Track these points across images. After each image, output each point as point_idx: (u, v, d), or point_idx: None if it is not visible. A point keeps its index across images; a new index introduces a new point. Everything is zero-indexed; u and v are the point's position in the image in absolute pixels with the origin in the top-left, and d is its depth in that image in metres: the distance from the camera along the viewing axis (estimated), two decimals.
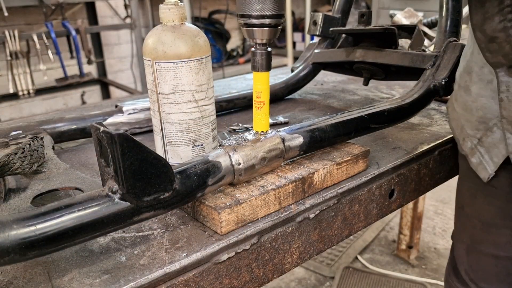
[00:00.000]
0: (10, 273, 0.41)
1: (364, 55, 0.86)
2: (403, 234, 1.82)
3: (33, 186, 0.53)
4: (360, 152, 0.60)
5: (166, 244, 0.45)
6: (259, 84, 0.51)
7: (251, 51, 0.51)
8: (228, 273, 0.47)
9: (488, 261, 0.61)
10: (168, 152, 0.60)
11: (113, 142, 0.37)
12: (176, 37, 0.54)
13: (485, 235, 0.61)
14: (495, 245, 0.60)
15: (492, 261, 0.61)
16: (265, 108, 0.52)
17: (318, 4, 4.42)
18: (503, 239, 0.59)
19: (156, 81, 0.56)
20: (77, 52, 2.92)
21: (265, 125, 0.53)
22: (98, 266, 0.42)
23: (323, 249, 0.58)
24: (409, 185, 0.69)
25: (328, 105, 0.98)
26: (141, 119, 0.77)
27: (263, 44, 0.50)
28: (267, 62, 0.51)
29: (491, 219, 0.61)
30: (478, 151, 0.60)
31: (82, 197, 0.39)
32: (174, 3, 0.55)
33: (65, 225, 0.36)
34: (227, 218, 0.46)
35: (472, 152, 0.62)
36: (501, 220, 0.59)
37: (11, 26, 2.78)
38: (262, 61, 0.50)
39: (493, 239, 0.60)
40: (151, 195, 0.40)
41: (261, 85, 0.51)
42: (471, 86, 0.60)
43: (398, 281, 1.68)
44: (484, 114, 0.58)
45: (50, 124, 0.71)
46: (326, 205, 0.56)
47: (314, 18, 1.01)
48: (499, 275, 0.60)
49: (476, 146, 0.61)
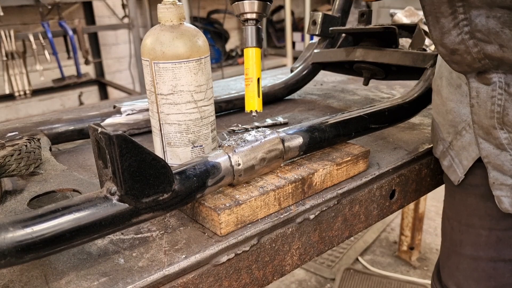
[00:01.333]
0: (7, 277, 0.40)
1: (364, 55, 0.86)
2: (404, 235, 1.81)
3: (30, 188, 0.52)
4: (360, 152, 0.60)
5: (165, 246, 0.45)
6: (248, 60, 0.51)
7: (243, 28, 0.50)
8: (228, 275, 0.46)
9: (468, 265, 0.60)
10: (167, 153, 0.59)
11: (112, 143, 0.36)
12: (175, 37, 0.54)
13: (463, 236, 0.60)
14: (473, 246, 0.59)
15: (472, 263, 0.60)
16: (253, 85, 0.51)
17: (318, 3, 4.42)
18: (481, 239, 0.58)
19: (154, 82, 0.56)
20: (74, 52, 2.91)
21: (254, 103, 0.52)
22: (96, 268, 0.41)
23: (324, 250, 0.58)
24: (410, 185, 0.69)
25: (328, 105, 0.97)
26: (140, 120, 0.77)
27: (253, 19, 0.49)
28: (257, 37, 0.50)
29: (468, 219, 0.60)
30: (449, 154, 0.61)
31: (80, 199, 0.38)
32: (172, 3, 0.55)
33: (63, 228, 0.36)
34: (227, 219, 0.46)
35: (444, 155, 0.62)
36: (478, 220, 0.58)
37: (7, 26, 2.77)
38: (252, 36, 0.50)
39: (471, 240, 0.59)
40: (150, 196, 0.40)
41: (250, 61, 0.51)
42: (442, 91, 0.61)
43: (399, 283, 1.68)
44: (453, 118, 0.59)
45: (47, 125, 0.70)
46: (326, 206, 0.55)
47: (314, 18, 1.01)
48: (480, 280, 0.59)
49: (448, 150, 0.61)
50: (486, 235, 0.58)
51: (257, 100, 0.52)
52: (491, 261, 0.58)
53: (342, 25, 1.02)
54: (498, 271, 0.57)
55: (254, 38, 0.50)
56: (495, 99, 0.50)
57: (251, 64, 0.51)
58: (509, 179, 0.53)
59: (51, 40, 2.74)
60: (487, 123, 0.52)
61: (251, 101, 0.52)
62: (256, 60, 0.51)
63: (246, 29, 0.50)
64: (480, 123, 0.52)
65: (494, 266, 0.58)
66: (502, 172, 0.53)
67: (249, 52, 0.50)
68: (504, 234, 0.56)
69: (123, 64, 3.62)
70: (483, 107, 0.51)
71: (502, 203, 0.54)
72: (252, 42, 0.50)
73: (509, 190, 0.53)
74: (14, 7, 2.82)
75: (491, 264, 0.58)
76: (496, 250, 0.57)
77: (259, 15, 0.49)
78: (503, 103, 0.49)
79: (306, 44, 3.67)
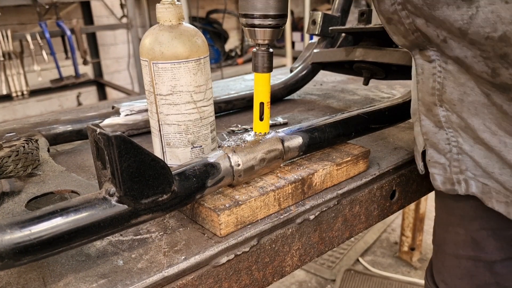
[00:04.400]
0: (4, 279, 0.40)
1: (364, 54, 0.86)
2: (405, 236, 1.80)
3: (27, 189, 0.52)
4: (360, 152, 0.59)
5: (164, 247, 0.45)
6: (255, 84, 0.51)
7: (253, 51, 0.50)
8: (228, 276, 0.46)
9: (451, 262, 0.60)
10: (166, 153, 0.59)
11: (110, 144, 0.36)
12: (174, 37, 0.54)
13: (446, 234, 0.61)
14: (455, 245, 0.59)
15: (455, 261, 0.60)
16: (255, 108, 0.52)
17: (317, 3, 4.42)
18: (460, 238, 0.58)
19: (153, 82, 0.55)
20: (72, 53, 2.90)
21: (265, 126, 0.52)
22: (95, 270, 0.41)
23: (324, 251, 0.58)
24: (410, 185, 0.69)
25: (327, 105, 0.97)
26: (139, 120, 0.76)
27: (264, 44, 0.49)
28: (269, 63, 0.50)
29: (447, 218, 0.60)
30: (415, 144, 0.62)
31: (78, 200, 0.38)
32: (171, 3, 0.54)
33: (61, 229, 0.35)
34: (227, 219, 0.46)
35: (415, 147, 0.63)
36: (456, 219, 0.59)
37: (4, 25, 2.76)
38: (263, 62, 0.50)
39: (452, 238, 0.60)
40: (149, 197, 0.40)
41: (262, 86, 0.51)
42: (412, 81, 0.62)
43: (400, 284, 1.67)
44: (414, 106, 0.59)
45: (45, 126, 0.70)
46: (326, 206, 0.55)
47: (313, 17, 1.00)
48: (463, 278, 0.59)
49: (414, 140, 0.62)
50: (463, 233, 0.58)
51: (259, 123, 0.52)
52: (471, 260, 0.58)
53: (342, 24, 1.02)
54: (479, 270, 0.58)
55: (266, 64, 0.50)
56: (436, 76, 0.50)
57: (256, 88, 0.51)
58: (442, 158, 0.54)
59: (49, 40, 2.73)
60: (428, 99, 0.52)
61: (263, 124, 0.52)
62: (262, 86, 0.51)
63: (257, 54, 0.49)
64: (423, 99, 0.53)
65: (474, 265, 0.58)
66: (437, 151, 0.54)
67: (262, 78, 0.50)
68: (477, 235, 0.56)
69: (121, 64, 3.62)
70: (426, 83, 0.52)
71: (435, 180, 0.55)
72: (264, 68, 0.50)
73: (441, 169, 0.54)
74: (11, 7, 2.81)
75: (472, 262, 0.58)
76: (473, 250, 0.57)
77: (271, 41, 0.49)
78: (441, 80, 0.50)
79: (305, 44, 3.66)
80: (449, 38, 0.44)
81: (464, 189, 0.53)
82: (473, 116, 0.49)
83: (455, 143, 0.52)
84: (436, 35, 0.45)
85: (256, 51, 0.49)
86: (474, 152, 0.51)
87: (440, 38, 0.45)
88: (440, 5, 0.42)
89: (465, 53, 0.44)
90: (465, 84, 0.48)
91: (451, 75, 0.49)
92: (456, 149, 0.52)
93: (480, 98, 0.47)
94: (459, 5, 0.41)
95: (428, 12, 0.44)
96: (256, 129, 0.52)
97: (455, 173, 0.53)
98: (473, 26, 0.40)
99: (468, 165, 0.52)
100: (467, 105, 0.49)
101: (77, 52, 2.95)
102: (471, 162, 0.52)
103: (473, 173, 0.52)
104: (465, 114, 0.49)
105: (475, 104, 0.48)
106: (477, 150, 0.51)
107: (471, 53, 0.43)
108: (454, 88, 0.49)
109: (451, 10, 0.41)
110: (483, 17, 0.39)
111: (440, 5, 0.42)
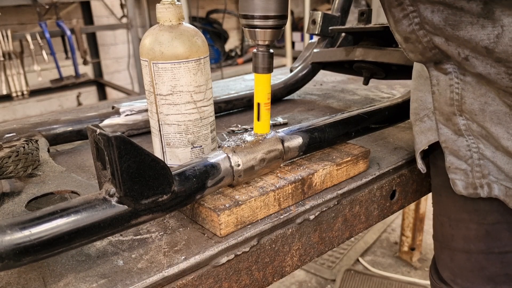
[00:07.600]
0: (4, 279, 0.40)
1: (364, 54, 0.86)
2: (405, 236, 1.80)
3: (27, 189, 0.52)
4: (360, 152, 0.59)
5: (164, 247, 0.45)
6: (255, 85, 0.51)
7: (253, 52, 0.50)
8: (228, 276, 0.46)
9: (461, 257, 0.61)
10: (166, 153, 0.59)
11: (110, 144, 0.36)
12: (174, 37, 0.54)
13: (454, 231, 0.62)
14: (465, 240, 0.60)
15: (464, 256, 0.61)
16: (255, 108, 0.52)
17: (317, 3, 4.42)
18: (472, 233, 0.59)
19: (153, 82, 0.55)
20: (72, 53, 2.90)
21: (265, 127, 0.52)
22: (95, 270, 0.41)
23: (324, 251, 0.58)
24: (410, 186, 0.69)
25: (327, 105, 0.97)
26: (139, 120, 0.76)
27: (265, 45, 0.49)
28: (269, 64, 0.50)
29: (457, 215, 0.61)
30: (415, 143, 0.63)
31: (79, 200, 0.38)
32: (171, 3, 0.54)
33: (61, 230, 0.35)
34: (227, 219, 0.46)
35: None
36: (467, 215, 0.59)
37: (4, 25, 2.76)
38: (263, 63, 0.49)
39: (462, 234, 0.61)
40: (149, 197, 0.40)
41: (262, 87, 0.51)
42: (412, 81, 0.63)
43: (400, 284, 1.67)
44: (418, 106, 0.61)
45: (45, 126, 0.69)
46: (326, 206, 0.55)
47: (313, 17, 1.00)
48: (474, 271, 0.60)
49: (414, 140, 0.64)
50: (476, 228, 0.59)
51: (256, 123, 0.52)
52: (482, 253, 0.59)
53: (341, 24, 1.02)
54: (490, 262, 0.59)
55: (266, 64, 0.50)
56: (453, 88, 0.51)
57: (256, 89, 0.51)
58: (464, 164, 0.55)
59: (49, 40, 2.73)
60: (448, 110, 0.53)
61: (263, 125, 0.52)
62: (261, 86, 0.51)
63: (258, 55, 0.49)
64: (441, 109, 0.54)
65: (486, 258, 0.59)
66: (457, 157, 0.55)
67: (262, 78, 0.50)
68: (492, 228, 0.58)
69: (121, 64, 3.62)
70: (443, 94, 0.52)
71: (456, 185, 0.56)
72: (264, 69, 0.50)
73: (463, 174, 0.55)
74: (11, 7, 2.81)
75: (483, 256, 0.59)
76: (485, 243, 0.58)
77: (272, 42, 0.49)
78: (460, 92, 0.51)
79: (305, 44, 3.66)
80: (472, 57, 0.45)
81: (487, 192, 0.54)
82: (496, 125, 0.50)
83: (476, 149, 0.53)
84: (458, 54, 0.46)
85: (256, 52, 0.49)
86: (496, 158, 0.52)
87: (461, 56, 0.46)
88: (463, 25, 0.42)
89: (488, 70, 0.44)
90: (486, 94, 0.49)
91: (470, 86, 0.49)
92: (477, 155, 0.54)
93: (502, 108, 0.48)
94: (483, 25, 0.41)
95: (450, 32, 0.44)
96: (257, 130, 0.52)
97: (477, 178, 0.54)
98: (501, 45, 0.41)
99: (490, 169, 0.53)
100: (489, 114, 0.50)
101: (77, 52, 2.95)
102: (494, 167, 0.53)
103: (496, 177, 0.53)
104: (488, 124, 0.50)
105: (497, 114, 0.49)
106: (500, 156, 0.52)
107: (495, 70, 0.44)
108: (474, 99, 0.50)
109: (476, 29, 0.42)
110: (510, 36, 0.40)
111: (464, 25, 0.42)
